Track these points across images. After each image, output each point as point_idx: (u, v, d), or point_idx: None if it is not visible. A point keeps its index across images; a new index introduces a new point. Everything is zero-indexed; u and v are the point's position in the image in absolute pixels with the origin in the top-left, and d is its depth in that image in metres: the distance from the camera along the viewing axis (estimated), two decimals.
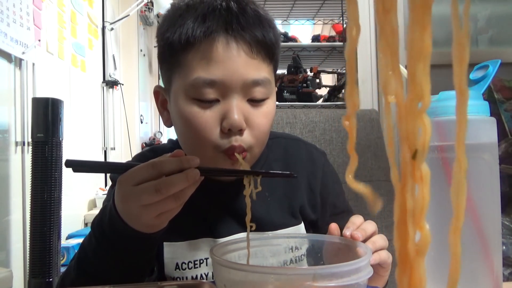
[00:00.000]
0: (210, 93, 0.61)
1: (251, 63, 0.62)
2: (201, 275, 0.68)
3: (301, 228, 0.74)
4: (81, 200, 2.37)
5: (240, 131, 0.62)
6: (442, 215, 0.44)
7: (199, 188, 0.68)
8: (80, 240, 2.06)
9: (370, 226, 0.58)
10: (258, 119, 0.64)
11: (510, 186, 1.42)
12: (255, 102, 0.64)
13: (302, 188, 0.77)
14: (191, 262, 0.68)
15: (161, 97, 0.72)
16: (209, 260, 0.69)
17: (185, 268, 0.68)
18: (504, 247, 1.28)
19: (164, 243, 0.68)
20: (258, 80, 0.63)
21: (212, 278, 0.68)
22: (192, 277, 0.68)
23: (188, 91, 0.62)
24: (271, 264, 0.57)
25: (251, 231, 0.60)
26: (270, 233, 0.70)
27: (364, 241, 0.55)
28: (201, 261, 0.69)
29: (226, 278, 0.43)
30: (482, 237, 0.43)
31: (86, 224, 2.31)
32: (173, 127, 0.70)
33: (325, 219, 0.78)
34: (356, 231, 0.54)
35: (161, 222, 0.53)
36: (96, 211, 2.27)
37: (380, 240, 0.58)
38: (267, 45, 0.64)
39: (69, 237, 2.11)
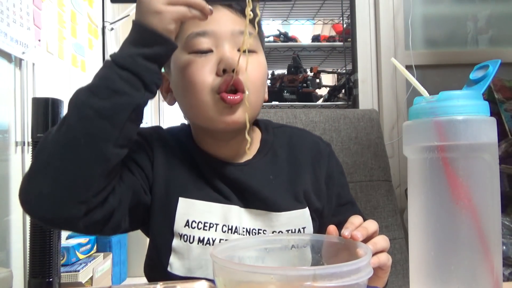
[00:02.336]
0: (204, 43, 0.69)
1: (238, 20, 0.71)
2: (208, 239, 0.69)
3: (305, 212, 0.74)
4: None
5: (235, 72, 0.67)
6: (442, 215, 0.44)
7: (212, 168, 0.73)
8: (80, 240, 2.06)
9: (372, 225, 0.58)
10: (249, 65, 0.67)
11: (510, 186, 1.41)
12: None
13: (306, 174, 0.78)
14: (201, 223, 0.69)
15: (164, 83, 0.77)
16: (219, 227, 0.69)
17: (195, 227, 0.69)
18: (504, 247, 1.28)
19: (180, 198, 0.70)
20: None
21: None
22: (199, 238, 0.68)
23: (185, 47, 0.69)
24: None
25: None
26: (269, 234, 0.70)
27: (366, 240, 0.55)
28: (211, 225, 0.69)
29: (226, 278, 0.43)
30: (482, 237, 0.43)
31: None
32: (176, 104, 0.76)
33: (331, 210, 0.79)
34: (356, 230, 0.53)
35: (176, 26, 0.61)
36: None
37: (382, 241, 0.58)
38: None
39: (69, 237, 2.11)
